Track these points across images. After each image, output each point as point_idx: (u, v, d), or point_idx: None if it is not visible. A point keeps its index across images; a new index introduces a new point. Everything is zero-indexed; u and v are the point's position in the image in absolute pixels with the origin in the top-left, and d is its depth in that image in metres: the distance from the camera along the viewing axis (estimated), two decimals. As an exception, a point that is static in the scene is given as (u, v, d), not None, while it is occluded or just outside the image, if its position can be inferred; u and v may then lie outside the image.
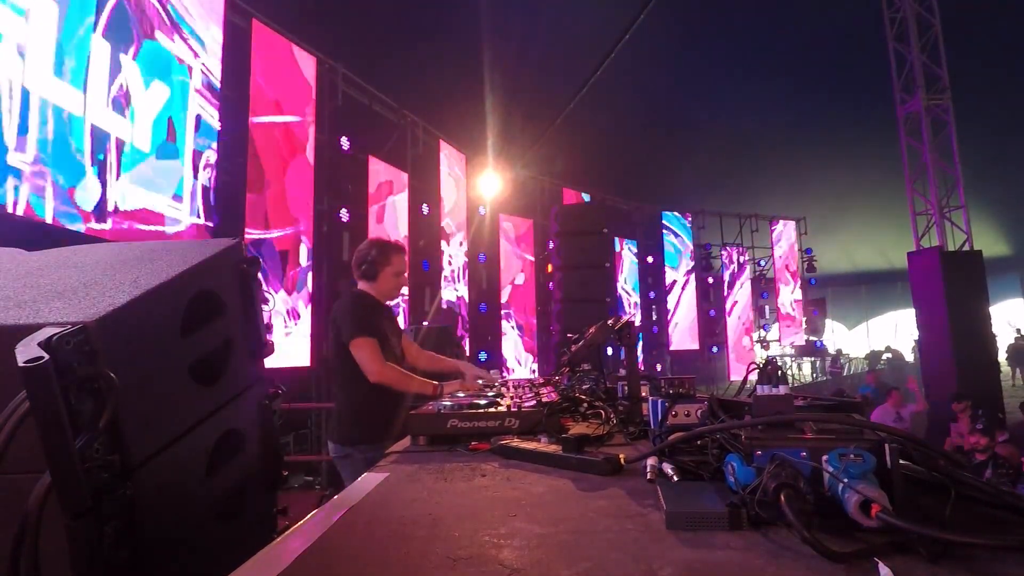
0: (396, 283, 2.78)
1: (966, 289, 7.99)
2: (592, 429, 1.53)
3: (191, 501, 1.11)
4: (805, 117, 14.67)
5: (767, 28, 12.89)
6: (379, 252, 2.73)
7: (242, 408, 1.32)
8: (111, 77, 4.61)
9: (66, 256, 1.29)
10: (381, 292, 2.74)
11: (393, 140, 9.05)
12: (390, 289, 2.78)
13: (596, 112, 10.31)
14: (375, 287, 2.73)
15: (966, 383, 7.57)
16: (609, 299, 6.34)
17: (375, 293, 2.73)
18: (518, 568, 0.71)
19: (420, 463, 1.35)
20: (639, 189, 15.68)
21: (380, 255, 2.72)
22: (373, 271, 2.70)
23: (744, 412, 1.17)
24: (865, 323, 27.47)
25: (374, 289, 2.73)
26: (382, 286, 2.74)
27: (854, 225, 19.58)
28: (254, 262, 1.40)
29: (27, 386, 0.76)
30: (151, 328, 1.03)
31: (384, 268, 2.71)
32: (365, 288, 2.73)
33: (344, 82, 8.07)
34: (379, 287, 2.73)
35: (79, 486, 0.79)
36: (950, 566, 0.67)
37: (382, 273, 2.71)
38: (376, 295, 2.73)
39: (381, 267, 2.71)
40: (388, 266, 2.72)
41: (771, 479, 0.79)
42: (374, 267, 2.70)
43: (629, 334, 1.95)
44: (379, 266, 2.70)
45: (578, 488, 1.09)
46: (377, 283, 2.72)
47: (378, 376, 2.46)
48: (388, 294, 2.78)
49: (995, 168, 14.52)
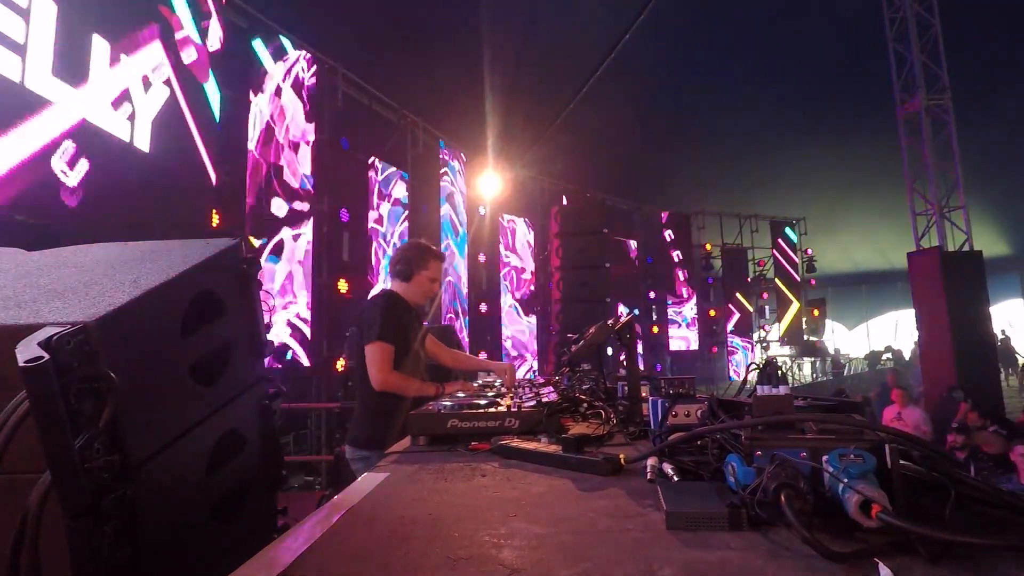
0: (429, 289, 2.74)
1: (966, 289, 7.99)
2: (592, 429, 1.53)
3: (191, 501, 1.11)
4: (805, 117, 14.66)
5: (767, 28, 12.89)
6: (419, 254, 2.71)
7: (242, 408, 1.32)
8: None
9: (66, 256, 1.29)
10: (412, 295, 2.71)
11: (393, 140, 9.05)
12: (422, 293, 2.74)
13: (596, 112, 10.30)
14: (407, 289, 2.70)
15: (965, 383, 7.58)
16: (609, 299, 6.34)
17: (406, 295, 2.70)
18: (518, 568, 0.71)
19: (420, 463, 1.35)
20: (639, 189, 15.68)
21: (419, 257, 2.70)
22: (408, 272, 2.68)
23: (744, 412, 1.17)
24: (865, 323, 27.44)
25: (406, 291, 2.70)
26: (414, 289, 2.70)
27: (854, 225, 19.56)
28: (254, 262, 1.40)
29: (27, 386, 0.76)
30: (151, 328, 1.03)
31: (420, 271, 2.69)
32: (397, 289, 2.72)
33: (344, 82, 8.07)
34: (411, 289, 2.70)
35: (79, 486, 0.79)
36: (950, 566, 0.67)
37: (416, 276, 2.69)
38: (407, 297, 2.70)
39: (417, 270, 2.68)
40: (424, 270, 2.70)
41: (771, 479, 0.79)
42: (410, 267, 2.67)
43: (629, 334, 1.95)
44: (416, 268, 2.68)
45: (578, 488, 1.09)
46: (410, 285, 2.69)
47: (381, 384, 2.45)
48: (418, 298, 2.74)
49: (995, 168, 14.51)
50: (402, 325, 2.57)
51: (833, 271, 21.74)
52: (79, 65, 4.34)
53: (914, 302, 8.75)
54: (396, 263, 2.71)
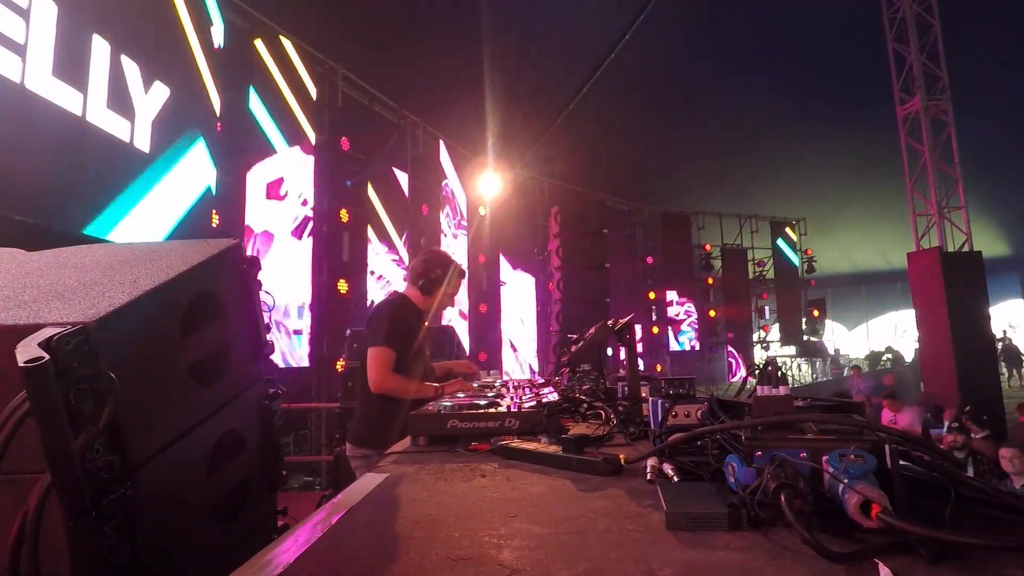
0: (444, 302, 2.81)
1: (966, 289, 7.99)
2: (592, 429, 1.53)
3: (191, 501, 1.11)
4: (805, 118, 14.66)
5: (767, 29, 12.89)
6: (444, 271, 2.75)
7: (242, 408, 1.32)
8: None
9: (66, 256, 1.29)
10: (427, 305, 2.76)
11: (393, 140, 9.05)
12: (438, 305, 2.80)
13: (596, 112, 10.30)
14: (424, 300, 2.74)
15: (966, 383, 7.58)
16: (609, 299, 6.33)
17: (420, 304, 2.74)
18: (518, 568, 0.71)
19: (420, 463, 1.35)
20: (639, 189, 15.68)
21: (444, 275, 2.75)
22: (431, 288, 2.73)
23: (744, 413, 1.17)
24: (865, 324, 27.44)
25: (421, 300, 2.74)
26: (431, 301, 2.76)
27: (854, 226, 19.57)
28: (254, 262, 1.40)
29: (27, 386, 0.76)
30: (151, 329, 1.03)
31: (443, 287, 2.75)
32: (410, 295, 2.75)
33: (344, 82, 8.07)
34: (428, 301, 2.75)
35: (79, 486, 0.79)
36: (950, 566, 0.67)
37: (438, 291, 2.74)
38: (420, 305, 2.74)
39: (440, 286, 2.74)
40: (448, 287, 2.76)
41: (771, 479, 0.79)
42: (434, 285, 2.73)
43: (629, 334, 1.95)
44: (439, 285, 2.74)
45: (578, 488, 1.09)
46: (428, 297, 2.74)
47: (378, 387, 2.48)
48: (432, 309, 2.81)
49: (995, 168, 14.51)
50: (410, 330, 2.60)
51: (833, 271, 21.75)
52: (79, 65, 4.34)
53: (914, 302, 8.75)
54: (419, 276, 2.74)
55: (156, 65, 5.07)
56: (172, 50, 5.33)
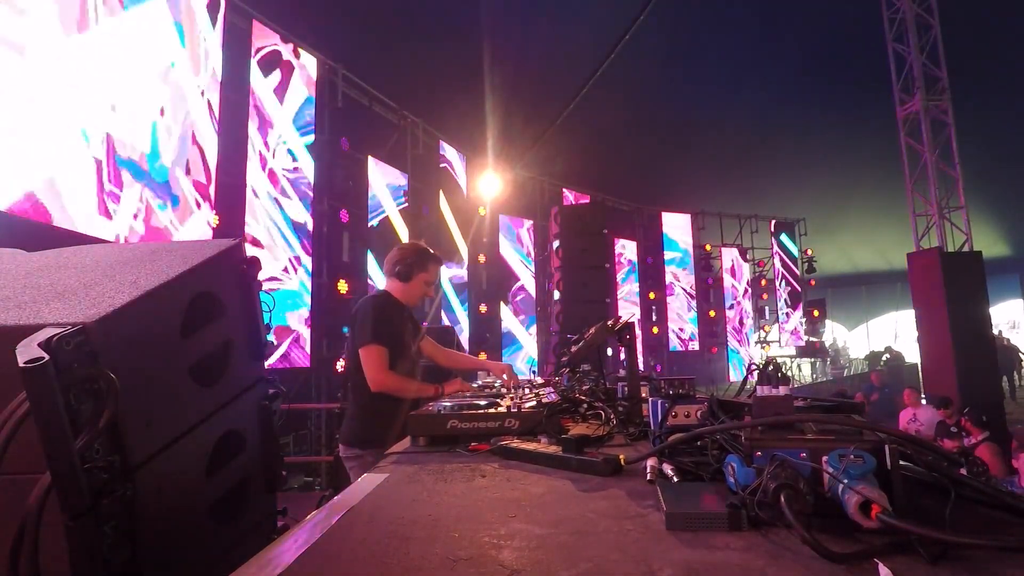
0: (424, 291, 2.80)
1: (966, 290, 7.98)
2: (592, 430, 1.53)
3: (191, 501, 1.11)
4: (805, 118, 14.66)
5: (767, 29, 12.89)
6: (419, 257, 2.75)
7: (242, 409, 1.32)
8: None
9: (66, 257, 1.29)
10: (407, 295, 2.75)
11: (393, 140, 9.05)
12: (417, 295, 2.80)
13: (596, 112, 10.29)
14: (403, 289, 2.74)
15: (965, 384, 7.57)
16: (609, 299, 6.33)
17: (400, 295, 2.74)
18: (518, 569, 0.71)
19: (420, 464, 1.35)
20: (639, 189, 15.68)
21: (419, 260, 2.74)
22: (408, 274, 2.72)
23: (744, 413, 1.17)
24: (865, 324, 27.43)
25: (401, 291, 2.74)
26: (411, 290, 2.75)
27: (854, 226, 19.55)
28: (254, 262, 1.40)
29: (27, 386, 0.76)
30: (151, 329, 1.03)
31: (419, 274, 2.74)
32: (391, 289, 2.75)
33: (344, 82, 8.08)
34: (407, 290, 2.74)
35: (79, 486, 0.79)
36: (950, 567, 0.67)
37: (415, 278, 2.73)
38: (401, 297, 2.74)
39: (417, 272, 2.73)
40: (424, 272, 2.75)
41: (771, 480, 0.79)
42: (410, 270, 2.72)
43: (629, 335, 1.95)
44: (415, 270, 2.73)
45: (578, 489, 1.09)
46: (407, 286, 2.74)
47: (378, 386, 2.47)
48: (413, 299, 2.80)
49: (995, 168, 14.50)
50: (393, 325, 2.59)
51: (833, 272, 21.74)
52: (79, 65, 4.33)
53: (914, 303, 8.74)
54: (395, 263, 2.74)
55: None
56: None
